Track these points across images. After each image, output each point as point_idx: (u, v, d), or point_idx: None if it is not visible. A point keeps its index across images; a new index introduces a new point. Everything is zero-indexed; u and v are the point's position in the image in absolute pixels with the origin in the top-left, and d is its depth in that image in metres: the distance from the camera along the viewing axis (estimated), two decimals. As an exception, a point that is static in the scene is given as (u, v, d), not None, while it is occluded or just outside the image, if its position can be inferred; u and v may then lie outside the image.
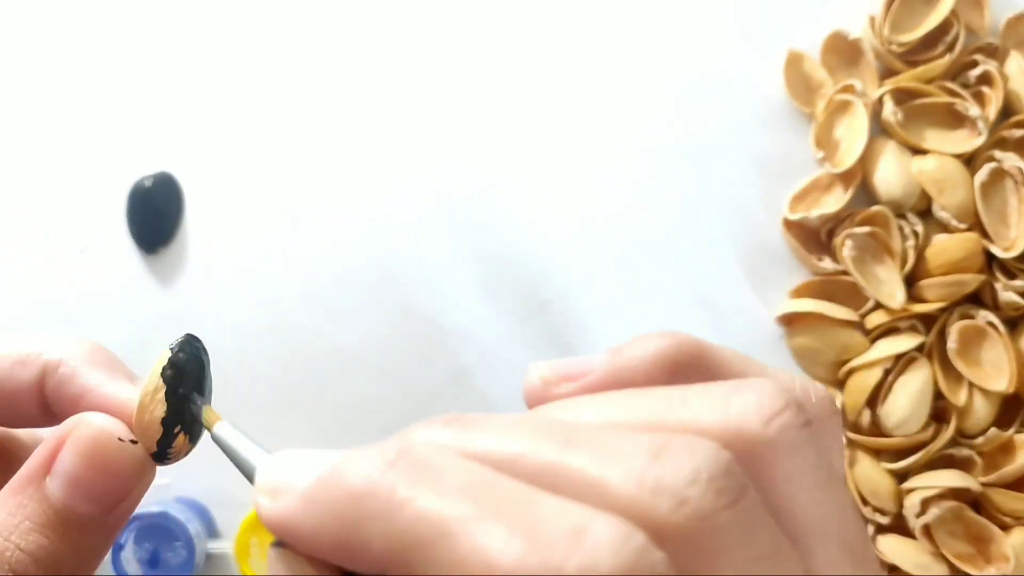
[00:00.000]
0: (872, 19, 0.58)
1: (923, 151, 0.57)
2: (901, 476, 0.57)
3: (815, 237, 0.59)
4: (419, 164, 0.60)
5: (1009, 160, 0.56)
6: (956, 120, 0.58)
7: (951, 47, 0.57)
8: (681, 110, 0.60)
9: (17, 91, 0.61)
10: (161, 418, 0.24)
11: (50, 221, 0.61)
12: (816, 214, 0.57)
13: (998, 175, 0.57)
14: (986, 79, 0.57)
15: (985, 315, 0.56)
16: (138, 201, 0.60)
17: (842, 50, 0.59)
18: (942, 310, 0.57)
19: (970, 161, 0.57)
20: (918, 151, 0.58)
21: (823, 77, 0.59)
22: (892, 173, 0.57)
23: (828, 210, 0.57)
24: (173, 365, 0.25)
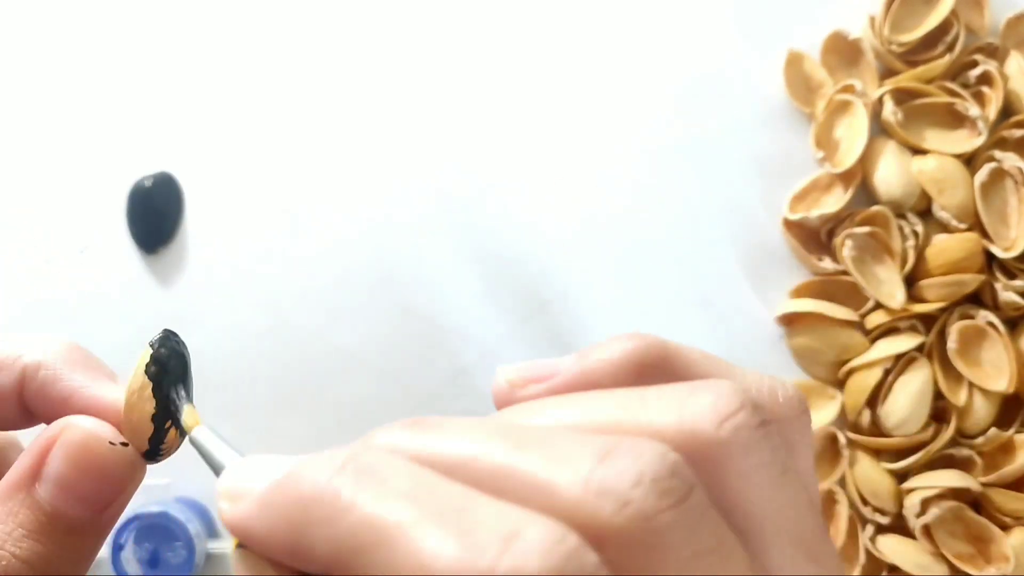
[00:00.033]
0: (872, 19, 0.58)
1: (923, 151, 0.57)
2: (901, 476, 0.57)
3: (815, 237, 0.59)
4: (419, 164, 0.60)
5: (1009, 160, 0.56)
6: (956, 120, 0.58)
7: (951, 47, 0.57)
8: (681, 110, 0.60)
9: (17, 91, 0.61)
10: (151, 415, 0.24)
11: (50, 221, 0.61)
12: (816, 214, 0.57)
13: (998, 175, 0.57)
14: (986, 79, 0.57)
15: (985, 315, 0.56)
16: (138, 201, 0.60)
17: (842, 50, 0.59)
18: (942, 310, 0.57)
19: (970, 161, 0.57)
20: (918, 151, 0.58)
21: (823, 77, 0.59)
22: (892, 173, 0.57)
23: (828, 210, 0.57)
24: (156, 361, 0.24)
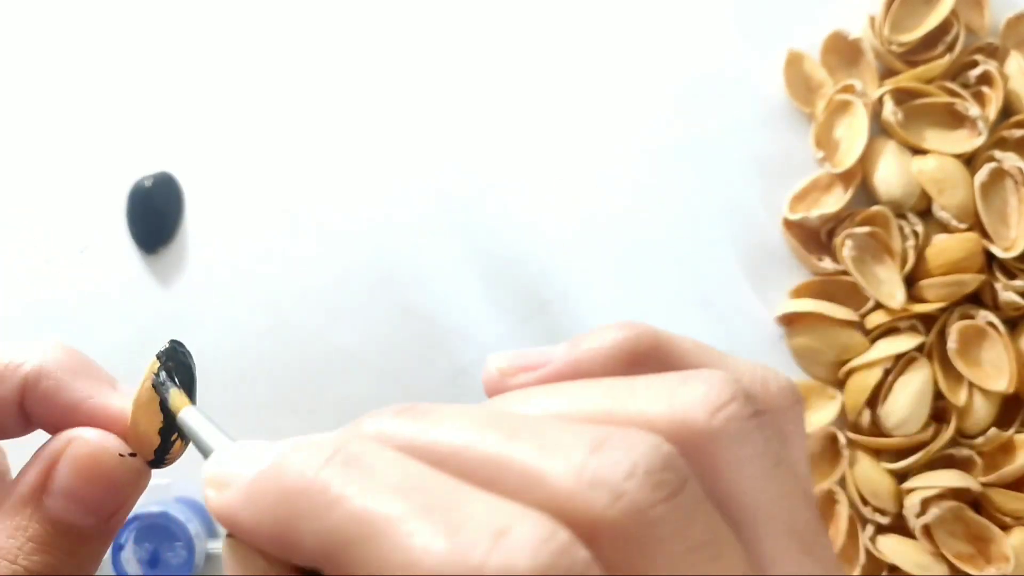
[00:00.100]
0: (872, 19, 0.58)
1: (923, 151, 0.57)
2: (901, 476, 0.57)
3: (815, 237, 0.59)
4: (419, 164, 0.60)
5: (1009, 160, 0.56)
6: (956, 120, 0.58)
7: (951, 47, 0.57)
8: (681, 110, 0.60)
9: (17, 91, 0.61)
10: (158, 428, 0.24)
11: (50, 221, 0.61)
12: (816, 214, 0.57)
13: (998, 175, 0.57)
14: (986, 79, 0.57)
15: (985, 315, 0.56)
16: (138, 201, 0.60)
17: (842, 50, 0.59)
18: (942, 310, 0.57)
19: (970, 161, 0.57)
20: (918, 151, 0.58)
21: (823, 77, 0.59)
22: (892, 173, 0.57)
23: (828, 210, 0.57)
24: (163, 374, 0.25)
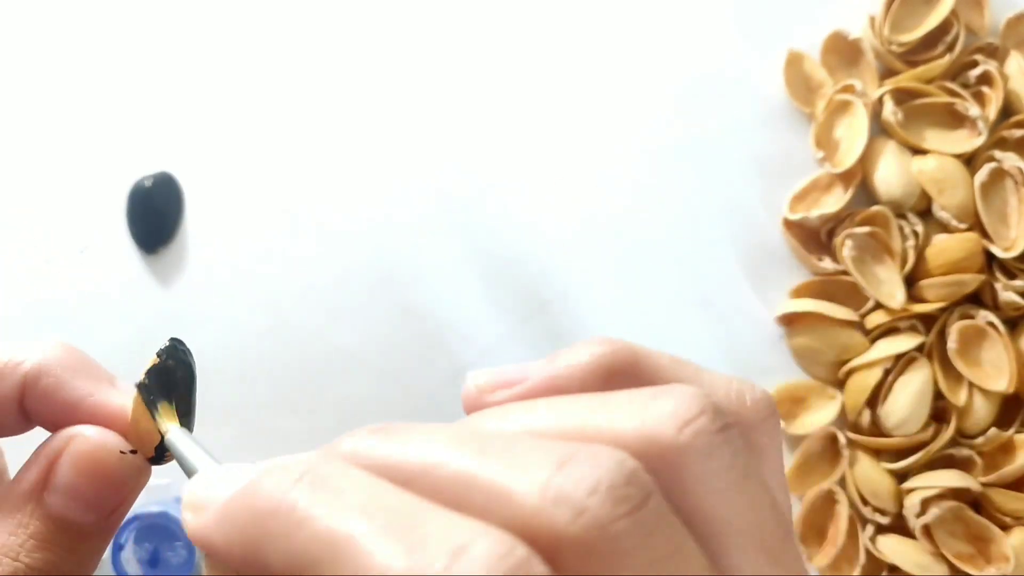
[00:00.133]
0: (872, 19, 0.58)
1: (923, 151, 0.57)
2: (901, 476, 0.57)
3: (815, 237, 0.59)
4: (419, 164, 0.60)
5: (1009, 160, 0.56)
6: (956, 120, 0.58)
7: (951, 47, 0.57)
8: (681, 110, 0.60)
9: (17, 91, 0.61)
10: (157, 427, 0.24)
11: (50, 221, 0.61)
12: (816, 214, 0.57)
13: (998, 175, 0.57)
14: (986, 79, 0.57)
15: (985, 315, 0.56)
16: (138, 201, 0.60)
17: (842, 50, 0.59)
18: (942, 310, 0.57)
19: (970, 161, 0.57)
20: (918, 151, 0.58)
21: (823, 77, 0.59)
22: (892, 173, 0.57)
23: (828, 210, 0.57)
24: (164, 372, 0.25)
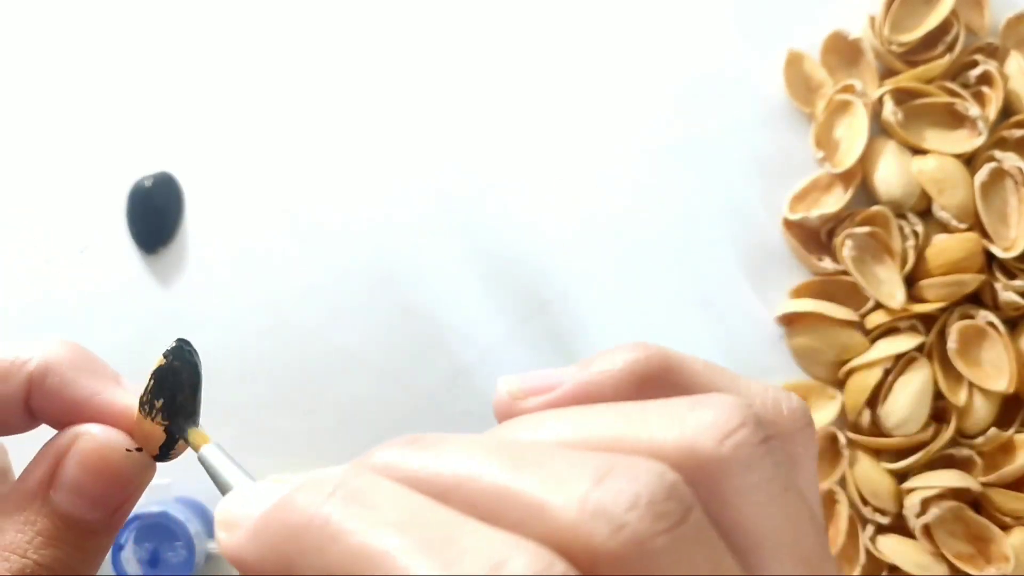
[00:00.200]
0: (872, 19, 0.58)
1: (923, 151, 0.57)
2: (901, 476, 0.57)
3: (815, 237, 0.59)
4: (419, 164, 0.60)
5: (1009, 160, 0.56)
6: (956, 120, 0.58)
7: (951, 47, 0.57)
8: (681, 110, 0.60)
9: (17, 91, 0.61)
10: (164, 426, 0.25)
11: (50, 221, 0.61)
12: (816, 214, 0.57)
13: (998, 175, 0.57)
14: (986, 79, 0.57)
15: (985, 315, 0.56)
16: (138, 201, 0.60)
17: (842, 50, 0.59)
18: (942, 310, 0.57)
19: (970, 161, 0.57)
20: (918, 151, 0.58)
21: (823, 77, 0.59)
22: (892, 173, 0.57)
23: (828, 210, 0.57)
24: (170, 372, 0.25)
